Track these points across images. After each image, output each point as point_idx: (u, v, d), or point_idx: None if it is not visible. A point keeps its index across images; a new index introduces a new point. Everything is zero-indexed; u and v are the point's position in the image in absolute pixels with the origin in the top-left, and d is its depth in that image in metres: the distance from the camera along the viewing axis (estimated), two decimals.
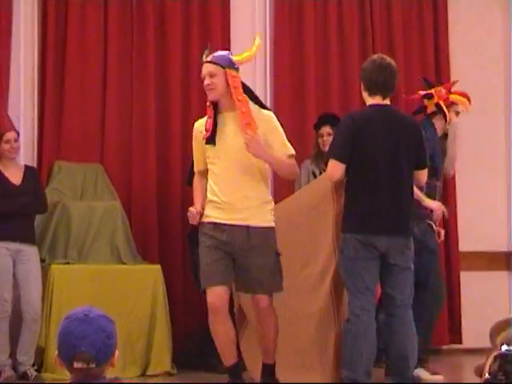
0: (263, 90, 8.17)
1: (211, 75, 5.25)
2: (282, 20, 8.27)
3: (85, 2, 7.65)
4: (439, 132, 6.67)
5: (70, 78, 7.56)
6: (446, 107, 6.66)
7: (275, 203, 5.72)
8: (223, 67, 5.28)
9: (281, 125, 7.65)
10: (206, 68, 5.31)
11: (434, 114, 6.69)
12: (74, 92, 7.57)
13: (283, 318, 6.14)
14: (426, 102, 6.78)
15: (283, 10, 8.27)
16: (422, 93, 6.83)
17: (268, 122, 5.42)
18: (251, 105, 5.37)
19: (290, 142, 5.53)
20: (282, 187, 7.40)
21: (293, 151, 5.44)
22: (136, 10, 7.78)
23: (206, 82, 5.28)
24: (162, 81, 7.86)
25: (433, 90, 6.73)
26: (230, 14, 8.15)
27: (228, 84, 5.27)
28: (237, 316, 6.70)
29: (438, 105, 6.66)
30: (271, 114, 5.53)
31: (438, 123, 6.67)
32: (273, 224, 5.39)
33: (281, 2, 8.28)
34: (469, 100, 6.78)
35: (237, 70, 5.37)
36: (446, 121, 6.66)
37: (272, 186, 6.84)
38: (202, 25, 8.01)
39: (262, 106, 5.53)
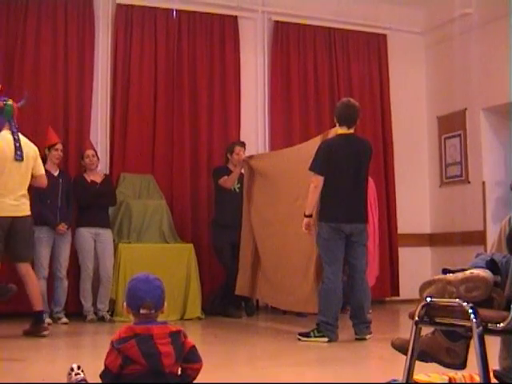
0: (262, 118, 8.21)
1: None
2: (275, 73, 8.27)
3: (141, 66, 7.63)
4: None
5: (131, 117, 7.51)
6: None
7: None
8: None
9: (273, 140, 7.89)
10: None
11: None
12: (133, 126, 7.50)
13: (283, 238, 6.13)
14: None
15: (276, 69, 8.29)
16: None
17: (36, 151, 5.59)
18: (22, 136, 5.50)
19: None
20: None
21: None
22: (176, 71, 7.78)
23: None
24: (193, 118, 7.79)
25: None
26: (241, 72, 8.14)
27: None
28: (252, 254, 6.68)
29: None
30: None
31: None
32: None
33: (275, 66, 8.29)
34: None
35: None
36: None
37: None
38: (221, 77, 8.02)
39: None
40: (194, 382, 2.66)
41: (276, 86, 8.27)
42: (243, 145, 7.25)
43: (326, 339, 5.10)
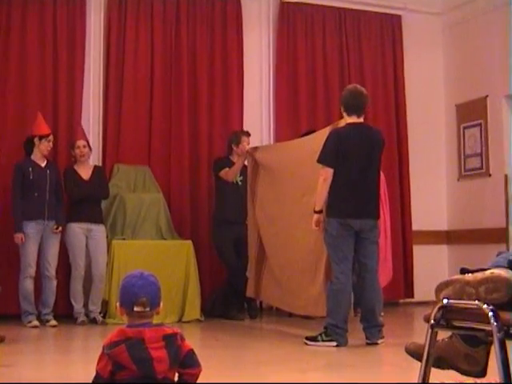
0: (267, 107, 8.21)
1: None
2: (281, 58, 8.26)
3: (137, 49, 7.62)
4: None
5: (125, 104, 7.51)
6: None
7: None
8: None
9: (279, 130, 7.98)
10: None
11: None
12: (128, 114, 7.49)
13: (290, 237, 6.12)
14: None
15: (282, 54, 8.27)
16: None
17: None
18: None
19: None
20: None
21: None
22: (174, 53, 7.77)
23: None
24: (193, 106, 7.78)
25: None
26: (244, 57, 8.12)
27: None
28: (257, 252, 6.67)
29: None
30: None
31: None
32: None
33: (280, 51, 8.27)
34: None
35: None
36: None
37: None
38: (222, 62, 8.01)
39: None
40: None
41: (282, 72, 8.24)
42: (249, 135, 7.24)
43: (334, 343, 5.11)
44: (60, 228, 6.59)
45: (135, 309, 2.58)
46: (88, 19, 7.51)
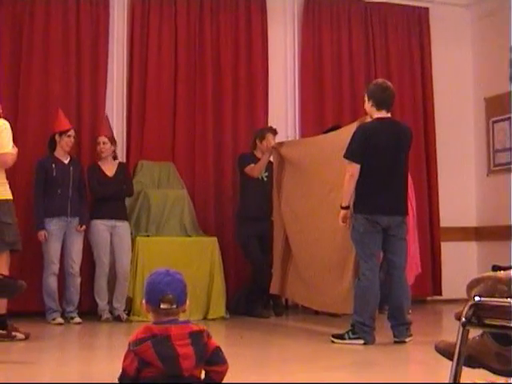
0: (292, 102, 8.19)
1: None
2: (306, 52, 8.22)
3: (160, 45, 7.63)
4: None
5: (149, 100, 7.53)
6: None
7: None
8: None
9: (304, 125, 7.95)
10: None
11: None
12: (152, 110, 7.51)
13: (316, 233, 6.11)
14: None
15: (307, 48, 8.23)
16: None
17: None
18: None
19: None
20: None
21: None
22: (198, 49, 7.78)
23: None
24: (217, 102, 7.77)
25: None
26: (268, 51, 8.09)
27: None
28: (283, 249, 6.67)
29: None
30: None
31: None
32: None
33: (305, 45, 8.22)
34: None
35: None
36: None
37: None
38: (247, 57, 7.99)
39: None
40: None
41: (307, 66, 8.21)
42: (275, 132, 7.21)
43: (361, 341, 5.08)
44: (84, 226, 6.62)
45: (162, 306, 2.58)
46: (111, 15, 7.54)
